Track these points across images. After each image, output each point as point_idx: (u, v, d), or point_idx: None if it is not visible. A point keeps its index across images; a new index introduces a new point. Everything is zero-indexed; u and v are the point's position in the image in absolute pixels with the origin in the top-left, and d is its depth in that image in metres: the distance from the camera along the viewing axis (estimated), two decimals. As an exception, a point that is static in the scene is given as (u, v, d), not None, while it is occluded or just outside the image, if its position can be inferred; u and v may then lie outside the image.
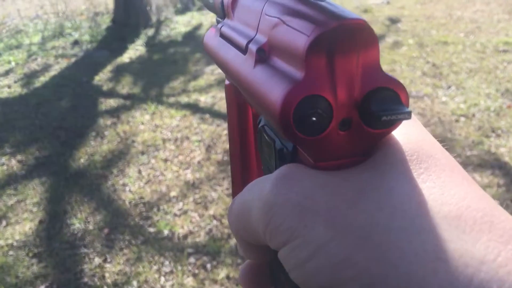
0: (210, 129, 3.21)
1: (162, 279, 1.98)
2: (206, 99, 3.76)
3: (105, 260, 2.11)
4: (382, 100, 0.21)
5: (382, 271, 0.19)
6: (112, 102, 3.83)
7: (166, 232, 2.25)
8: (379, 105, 0.21)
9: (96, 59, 5.04)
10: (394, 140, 0.24)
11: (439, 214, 0.20)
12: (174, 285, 1.94)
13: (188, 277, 1.98)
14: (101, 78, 4.47)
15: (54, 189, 2.62)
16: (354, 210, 0.20)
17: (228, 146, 0.42)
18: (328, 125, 0.22)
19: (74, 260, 2.11)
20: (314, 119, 0.21)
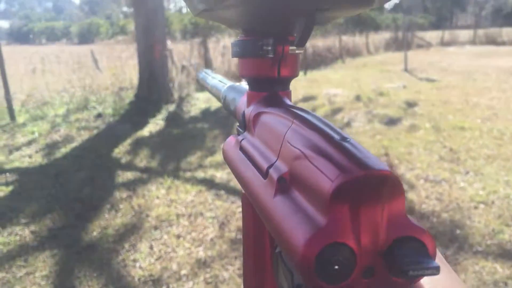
0: (224, 205, 3.20)
1: None
2: (222, 175, 3.78)
3: None
4: (409, 251, 0.21)
5: None
6: (129, 175, 3.87)
7: (175, 313, 2.16)
8: (405, 256, 0.20)
9: (117, 132, 5.18)
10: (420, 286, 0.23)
11: None
12: None
13: None
14: (120, 150, 4.56)
15: (64, 262, 2.58)
16: None
17: (242, 252, 0.40)
18: (351, 273, 0.21)
19: None
20: (337, 267, 0.20)
